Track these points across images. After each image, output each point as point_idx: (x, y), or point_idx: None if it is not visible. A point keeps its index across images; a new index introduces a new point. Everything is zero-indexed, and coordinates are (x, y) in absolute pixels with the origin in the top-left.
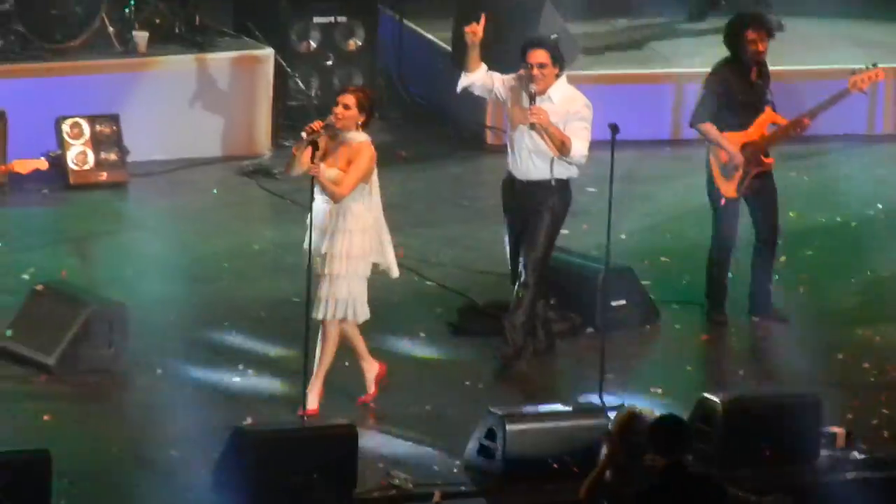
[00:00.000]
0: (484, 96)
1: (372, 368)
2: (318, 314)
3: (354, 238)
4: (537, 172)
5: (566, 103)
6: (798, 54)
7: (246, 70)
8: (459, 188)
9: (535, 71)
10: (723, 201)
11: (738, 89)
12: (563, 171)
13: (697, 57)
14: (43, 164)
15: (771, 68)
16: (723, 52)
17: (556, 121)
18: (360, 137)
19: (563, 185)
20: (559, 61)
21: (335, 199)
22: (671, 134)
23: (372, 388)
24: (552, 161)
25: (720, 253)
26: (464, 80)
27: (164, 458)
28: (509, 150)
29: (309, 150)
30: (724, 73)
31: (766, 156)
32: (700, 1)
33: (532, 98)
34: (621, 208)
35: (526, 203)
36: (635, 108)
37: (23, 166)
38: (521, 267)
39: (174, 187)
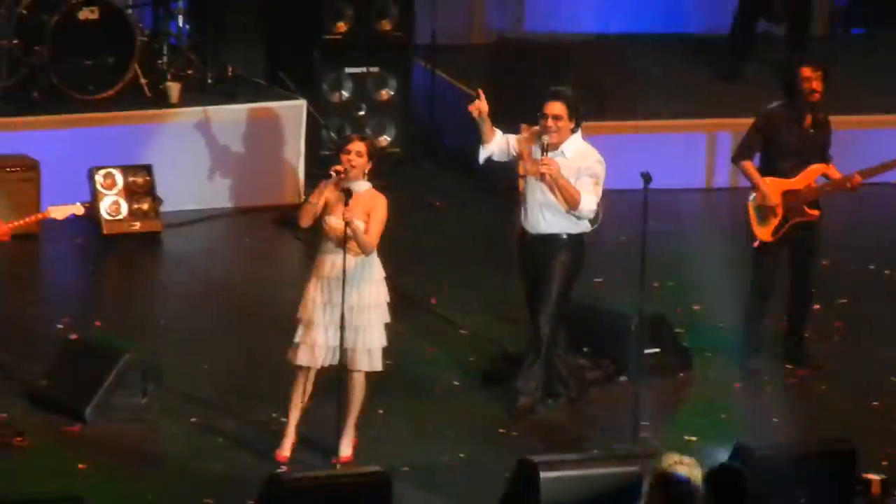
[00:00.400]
0: (504, 160)
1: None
2: (360, 366)
3: (381, 287)
4: (548, 227)
5: (579, 159)
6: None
7: (278, 120)
8: (492, 237)
9: (550, 122)
10: (756, 243)
11: (787, 133)
12: (574, 226)
13: (731, 107)
14: (79, 209)
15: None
16: (757, 103)
17: (568, 175)
18: (366, 186)
19: (576, 240)
20: (576, 116)
21: (366, 249)
22: (704, 182)
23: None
24: (563, 215)
25: (755, 298)
26: (483, 153)
27: None
28: (521, 203)
29: (334, 197)
30: (774, 114)
31: (813, 207)
32: (733, 58)
33: (544, 149)
34: (654, 257)
35: (537, 258)
36: (669, 155)
37: (59, 212)
38: (532, 326)
39: (207, 237)
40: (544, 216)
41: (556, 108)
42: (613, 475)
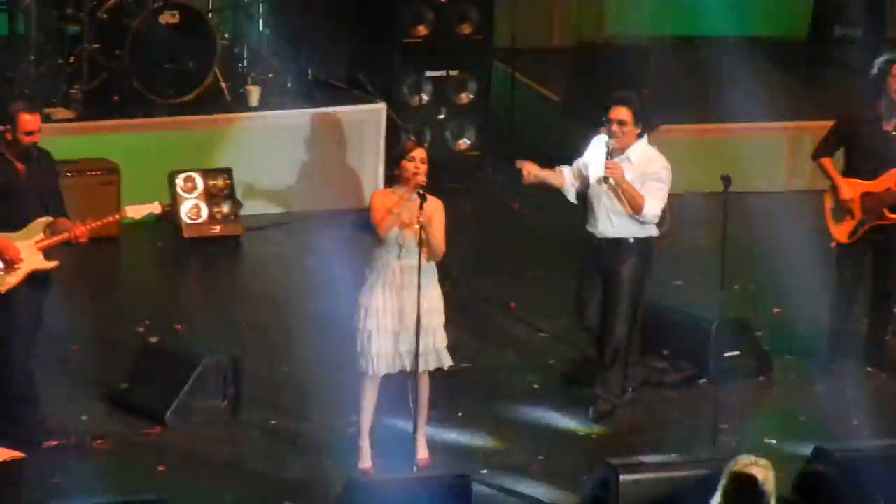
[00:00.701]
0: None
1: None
2: (430, 365)
3: (439, 290)
4: (615, 231)
5: (645, 163)
6: None
7: (358, 123)
8: (571, 239)
9: (615, 127)
10: (833, 244)
11: (868, 134)
12: (641, 230)
13: (812, 110)
14: (156, 207)
15: None
16: (837, 106)
17: (633, 180)
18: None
19: (644, 244)
20: (641, 120)
21: (438, 253)
22: (784, 185)
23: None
24: (630, 220)
25: (837, 300)
26: (570, 195)
27: None
28: (587, 208)
29: (413, 205)
30: (855, 116)
31: (893, 210)
32: (812, 62)
33: (610, 153)
34: (734, 259)
35: (605, 262)
36: (749, 158)
37: (136, 212)
38: (605, 331)
39: (287, 240)
40: (612, 221)
41: (620, 112)
42: (693, 478)
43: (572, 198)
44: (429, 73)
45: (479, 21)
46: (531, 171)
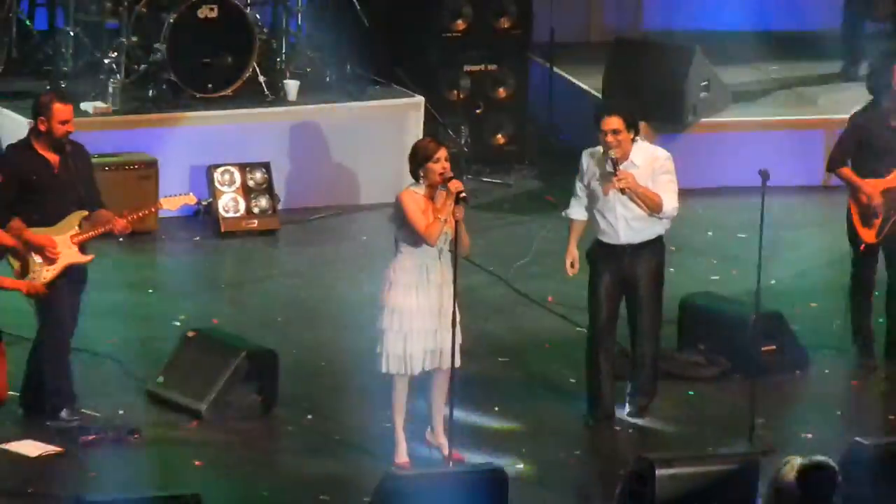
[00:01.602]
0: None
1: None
2: (456, 362)
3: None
4: (638, 236)
5: (649, 163)
6: None
7: (396, 118)
8: None
9: (610, 138)
10: (863, 247)
11: (877, 133)
12: (660, 227)
13: (849, 103)
14: (191, 199)
15: None
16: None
17: (644, 181)
18: (441, 189)
19: (659, 242)
20: (633, 126)
21: (466, 250)
22: (822, 180)
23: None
24: (649, 221)
25: (860, 297)
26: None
27: (314, 503)
28: (599, 219)
29: (449, 201)
30: (862, 117)
31: None
32: (847, 57)
33: (615, 165)
34: (771, 254)
35: (629, 268)
36: (786, 153)
37: (171, 203)
38: (640, 331)
39: (324, 234)
40: (632, 227)
41: (613, 122)
42: (729, 473)
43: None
44: (467, 68)
45: (518, 16)
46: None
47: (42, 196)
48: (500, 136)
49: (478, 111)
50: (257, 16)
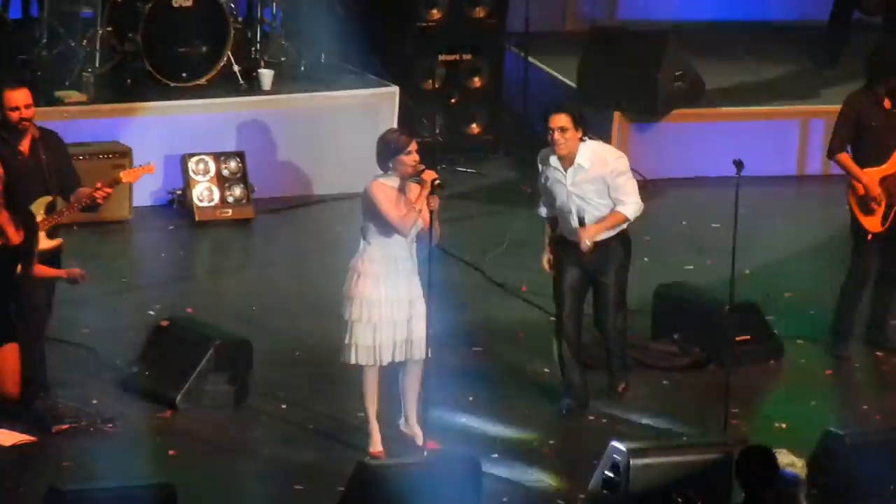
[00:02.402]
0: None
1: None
2: (426, 353)
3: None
4: (600, 236)
5: (599, 165)
6: None
7: (371, 107)
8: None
9: (557, 135)
10: (870, 237)
11: (872, 117)
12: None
13: (824, 95)
14: (150, 168)
15: None
16: (850, 91)
17: (595, 186)
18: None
19: (623, 235)
20: (581, 124)
21: (438, 239)
22: (796, 170)
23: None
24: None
25: (857, 288)
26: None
27: (288, 493)
28: (560, 220)
29: (424, 191)
30: (856, 100)
31: None
32: (830, 47)
33: (580, 220)
34: (745, 243)
35: (593, 264)
36: (761, 143)
37: (130, 176)
38: (607, 322)
39: (299, 224)
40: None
41: (560, 120)
42: (703, 462)
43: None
44: (442, 57)
45: (493, 5)
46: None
47: (8, 182)
48: (474, 125)
49: (452, 101)
50: (232, 5)
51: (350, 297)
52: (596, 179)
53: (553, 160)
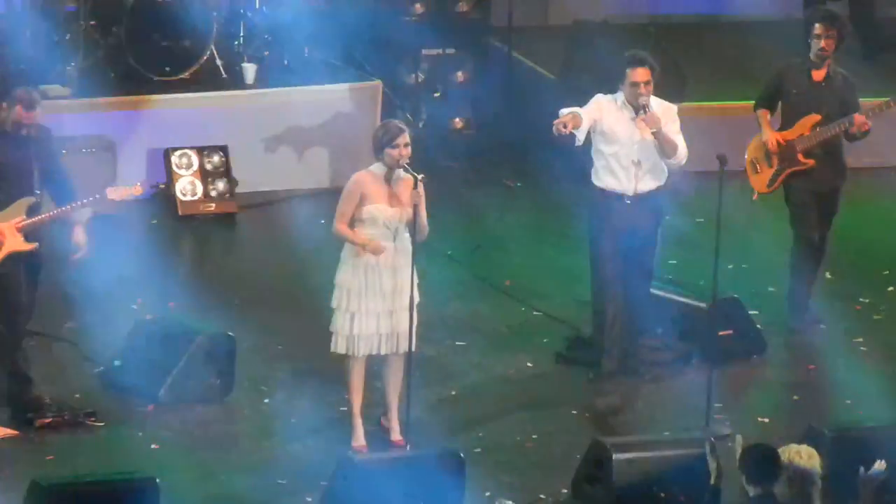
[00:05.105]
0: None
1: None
2: (409, 347)
3: (414, 270)
4: (651, 183)
5: (663, 112)
6: None
7: (354, 101)
8: (566, 218)
9: (643, 89)
10: (755, 196)
11: (794, 84)
12: (665, 177)
13: None
14: (138, 190)
15: None
16: None
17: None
18: (406, 174)
19: (664, 196)
20: (656, 75)
21: (425, 234)
22: None
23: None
24: (658, 171)
25: (800, 258)
26: (580, 135)
27: (271, 487)
28: (608, 168)
29: (378, 188)
30: (786, 66)
31: (808, 156)
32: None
33: (642, 109)
34: (729, 238)
35: (640, 218)
36: (744, 138)
37: (116, 193)
38: (634, 286)
39: (282, 218)
40: (643, 175)
41: (645, 74)
42: (685, 457)
43: (581, 139)
44: (425, 52)
45: (476, 0)
46: (567, 125)
47: None
48: (458, 120)
49: (436, 95)
50: None
51: (334, 284)
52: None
53: (631, 104)
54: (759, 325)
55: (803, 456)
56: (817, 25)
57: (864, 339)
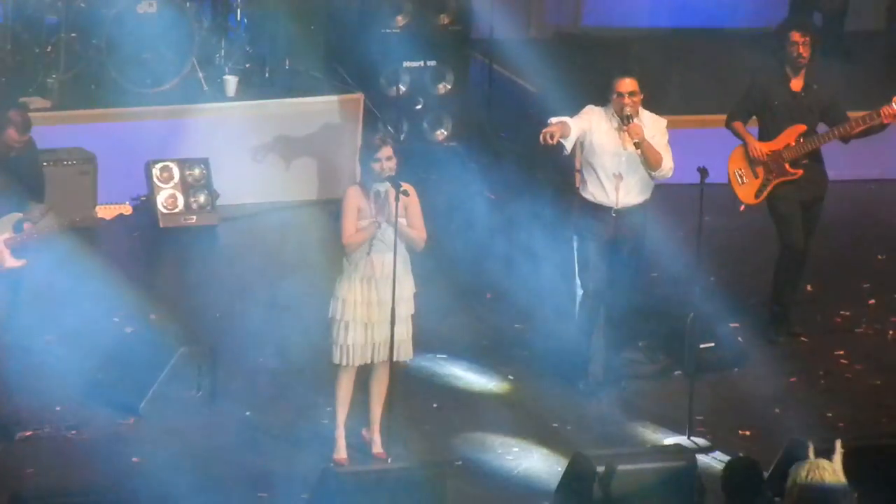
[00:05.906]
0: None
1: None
2: (405, 355)
3: (412, 280)
4: (633, 198)
5: (651, 124)
6: None
7: (335, 114)
8: (548, 230)
9: (627, 99)
10: (742, 207)
11: (775, 95)
12: (650, 190)
13: None
14: (127, 209)
15: None
16: None
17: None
18: (387, 185)
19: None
20: (642, 88)
21: (420, 244)
22: None
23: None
24: (644, 184)
25: (783, 270)
26: (568, 144)
27: (252, 500)
28: (595, 179)
29: (392, 199)
30: (764, 77)
31: (795, 166)
32: None
33: (627, 119)
34: (710, 250)
35: (624, 231)
36: (725, 151)
37: (105, 212)
38: (620, 297)
39: (263, 230)
40: (628, 188)
41: (632, 84)
42: (668, 470)
43: (568, 148)
44: (406, 64)
45: (458, 12)
46: (554, 136)
47: None
48: (439, 132)
49: (417, 107)
50: (196, 11)
51: (332, 296)
52: (649, 137)
53: (616, 115)
54: (739, 338)
55: (828, 470)
56: (793, 33)
57: (845, 351)
